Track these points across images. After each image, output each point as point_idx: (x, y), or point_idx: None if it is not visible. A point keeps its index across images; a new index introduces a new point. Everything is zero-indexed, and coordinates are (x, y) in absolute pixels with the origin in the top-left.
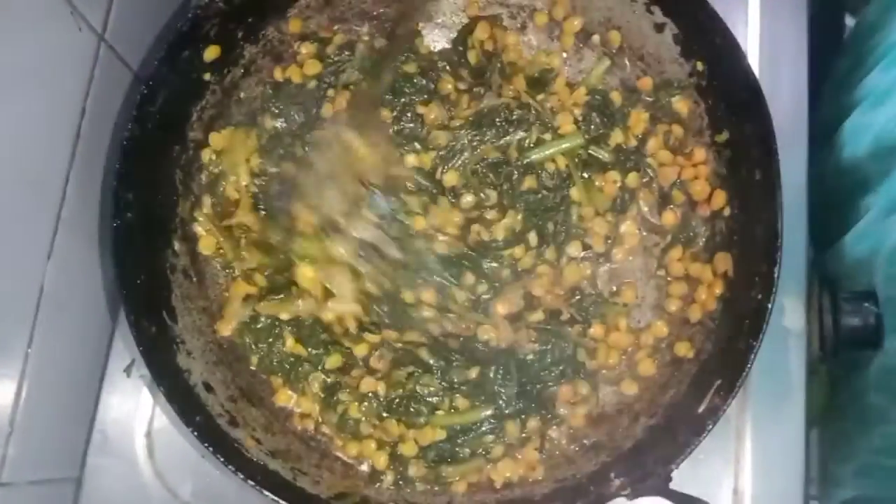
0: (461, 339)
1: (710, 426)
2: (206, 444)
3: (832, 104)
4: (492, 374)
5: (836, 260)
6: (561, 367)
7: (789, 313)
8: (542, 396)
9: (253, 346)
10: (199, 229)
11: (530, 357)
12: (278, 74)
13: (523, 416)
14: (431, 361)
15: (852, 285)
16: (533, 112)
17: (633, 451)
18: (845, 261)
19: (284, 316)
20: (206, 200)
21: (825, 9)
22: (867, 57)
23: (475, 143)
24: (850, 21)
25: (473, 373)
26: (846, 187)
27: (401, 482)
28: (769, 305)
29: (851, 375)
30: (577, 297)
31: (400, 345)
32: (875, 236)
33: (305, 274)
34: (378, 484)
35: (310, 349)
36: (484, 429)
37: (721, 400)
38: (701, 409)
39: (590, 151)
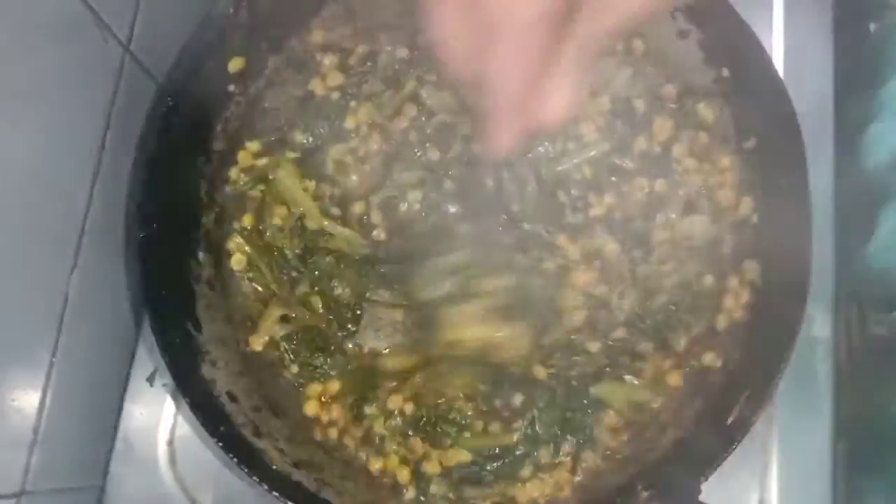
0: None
1: (740, 438)
2: (230, 455)
3: (855, 111)
4: (537, 400)
5: (860, 269)
6: None
7: (816, 322)
8: (583, 422)
9: (291, 357)
10: (231, 245)
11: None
12: (301, 86)
13: (558, 441)
14: (482, 387)
15: (878, 294)
16: None
17: (661, 463)
18: (868, 271)
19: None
20: (246, 221)
21: (849, 15)
22: (889, 64)
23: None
24: (874, 28)
25: (518, 400)
26: (868, 195)
27: (422, 498)
28: (801, 315)
29: (878, 385)
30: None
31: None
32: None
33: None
34: (401, 496)
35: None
36: (516, 454)
37: (750, 411)
38: (729, 421)
39: (614, 160)
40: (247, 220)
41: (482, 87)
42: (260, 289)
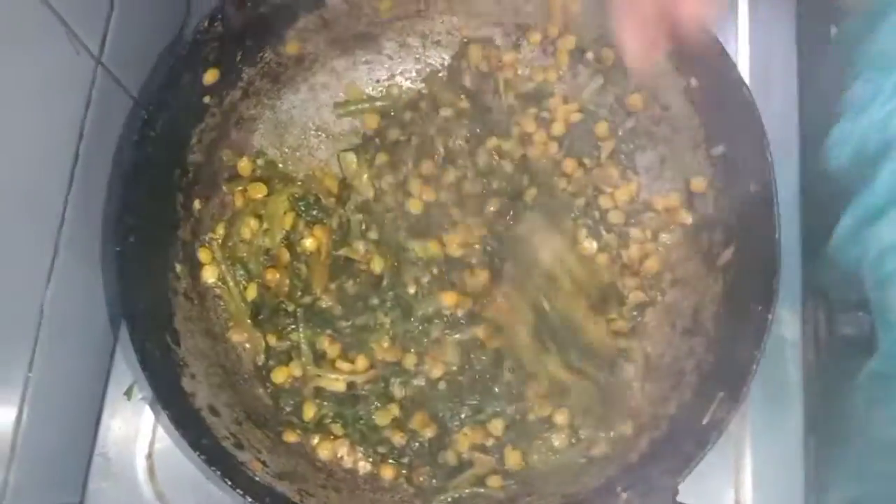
0: None
1: (715, 438)
2: (213, 468)
3: (818, 114)
4: None
5: (825, 269)
6: None
7: (785, 323)
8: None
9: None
10: (203, 256)
11: None
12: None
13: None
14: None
15: (843, 293)
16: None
17: (639, 464)
18: (833, 270)
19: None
20: (219, 231)
21: (811, 21)
22: (850, 67)
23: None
24: (834, 32)
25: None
26: (831, 196)
27: None
28: (769, 316)
29: (843, 381)
30: None
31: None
32: (859, 245)
33: None
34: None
35: None
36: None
37: (724, 411)
38: (705, 421)
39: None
40: (220, 230)
41: None
42: (223, 305)
